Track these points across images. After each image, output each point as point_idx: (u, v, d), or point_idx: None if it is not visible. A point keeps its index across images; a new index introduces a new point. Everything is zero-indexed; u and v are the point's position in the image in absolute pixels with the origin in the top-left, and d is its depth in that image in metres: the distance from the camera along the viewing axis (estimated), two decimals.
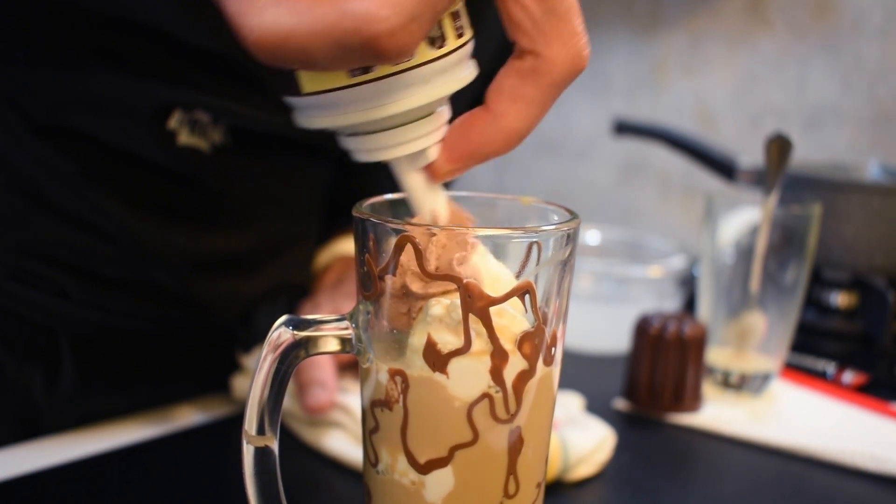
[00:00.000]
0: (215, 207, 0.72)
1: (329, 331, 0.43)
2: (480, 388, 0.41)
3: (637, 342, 0.81)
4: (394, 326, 0.42)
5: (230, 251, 0.74)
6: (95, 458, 0.67)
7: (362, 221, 0.42)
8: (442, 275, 0.39)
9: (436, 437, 0.41)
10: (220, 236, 0.73)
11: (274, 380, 0.42)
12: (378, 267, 0.41)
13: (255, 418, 0.42)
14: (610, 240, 1.18)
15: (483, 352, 0.40)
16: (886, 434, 0.78)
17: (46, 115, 0.65)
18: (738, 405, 0.83)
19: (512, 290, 0.40)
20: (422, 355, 0.40)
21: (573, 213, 0.44)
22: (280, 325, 0.42)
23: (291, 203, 0.79)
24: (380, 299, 0.42)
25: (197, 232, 0.71)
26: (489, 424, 0.41)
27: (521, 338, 0.41)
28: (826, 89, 1.54)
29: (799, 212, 0.83)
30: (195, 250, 0.71)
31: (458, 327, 0.40)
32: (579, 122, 1.91)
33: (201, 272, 0.72)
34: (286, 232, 0.80)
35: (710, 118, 1.70)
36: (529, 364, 0.41)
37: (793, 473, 0.71)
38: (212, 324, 0.77)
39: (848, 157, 1.48)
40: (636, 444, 0.75)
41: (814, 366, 0.93)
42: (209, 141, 0.68)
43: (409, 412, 0.42)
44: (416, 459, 0.42)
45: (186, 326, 0.76)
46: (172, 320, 0.74)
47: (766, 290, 0.83)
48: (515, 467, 0.43)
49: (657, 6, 1.75)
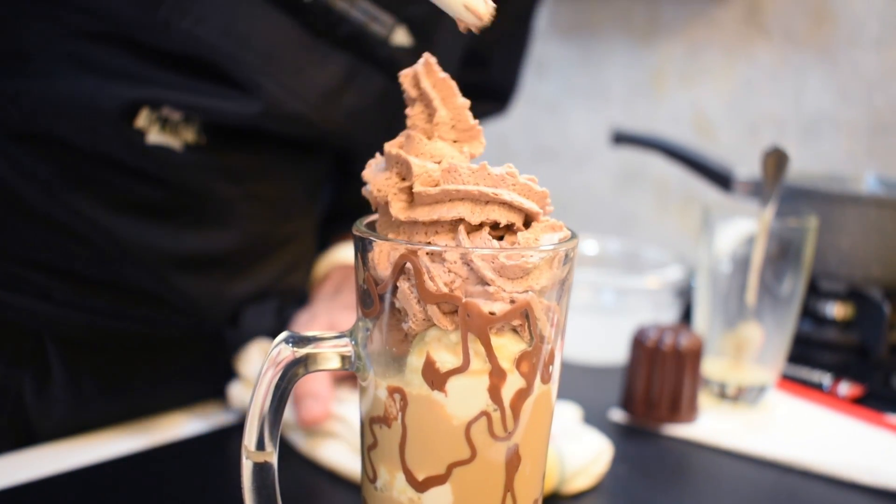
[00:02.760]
0: (194, 207, 0.73)
1: (329, 348, 0.43)
2: (479, 406, 0.41)
3: (634, 353, 0.82)
4: (392, 345, 0.42)
5: (212, 251, 0.74)
6: (90, 468, 0.67)
7: (362, 239, 0.42)
8: (442, 294, 0.39)
9: (434, 455, 0.42)
10: (201, 236, 0.73)
11: (274, 396, 0.42)
12: (378, 286, 0.41)
13: (255, 434, 0.43)
14: (607, 251, 1.18)
15: (481, 371, 0.40)
16: (882, 446, 0.78)
17: (21, 121, 0.67)
18: (735, 416, 0.83)
19: (511, 308, 0.40)
20: (420, 374, 0.41)
21: (573, 232, 0.44)
22: (280, 342, 0.43)
23: (277, 203, 0.79)
24: (379, 317, 0.42)
25: (176, 231, 0.72)
26: (487, 442, 0.41)
27: (520, 357, 0.41)
28: (823, 99, 1.55)
29: (795, 224, 0.83)
30: (175, 250, 0.72)
31: (457, 347, 0.40)
32: (577, 130, 1.91)
33: (183, 272, 0.73)
34: (273, 233, 0.80)
35: (708, 127, 1.70)
36: (527, 382, 0.42)
37: (789, 485, 0.72)
38: (199, 325, 0.77)
39: (845, 167, 1.48)
40: (633, 455, 0.75)
41: (810, 377, 0.93)
42: (181, 139, 0.69)
43: (407, 429, 0.42)
44: (414, 477, 0.42)
45: (173, 328, 0.76)
46: (158, 322, 0.75)
47: (763, 301, 0.84)
48: (513, 484, 0.43)
49: (655, 15, 1.76)
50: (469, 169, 0.41)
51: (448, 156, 0.43)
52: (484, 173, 0.41)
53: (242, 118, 0.70)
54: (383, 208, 0.43)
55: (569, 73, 1.90)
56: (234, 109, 0.70)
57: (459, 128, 0.44)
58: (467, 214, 0.40)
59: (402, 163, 0.42)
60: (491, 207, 0.41)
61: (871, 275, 0.99)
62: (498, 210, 0.41)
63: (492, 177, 0.41)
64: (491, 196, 0.40)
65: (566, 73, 1.91)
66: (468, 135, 0.44)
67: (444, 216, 0.40)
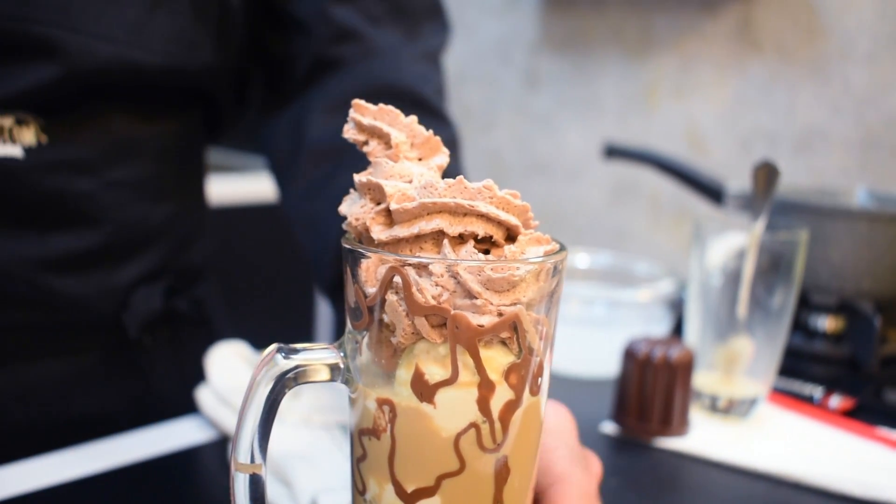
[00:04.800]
0: (53, 209, 0.71)
1: (318, 360, 0.43)
2: (468, 418, 0.41)
3: (625, 366, 0.82)
4: (381, 358, 0.42)
5: (86, 247, 0.73)
6: (35, 493, 0.64)
7: (351, 252, 0.42)
8: (430, 306, 0.40)
9: (423, 467, 0.42)
10: (70, 235, 0.72)
11: (263, 408, 0.42)
12: (367, 298, 0.42)
13: (246, 447, 0.42)
14: (599, 264, 1.18)
15: (470, 383, 0.40)
16: (873, 459, 0.78)
17: None
18: (726, 429, 0.83)
19: (500, 321, 0.40)
20: (409, 386, 0.41)
21: (561, 244, 0.44)
22: (270, 353, 0.43)
23: (144, 184, 0.77)
24: (369, 330, 0.42)
25: (41, 236, 0.70)
26: (476, 454, 0.42)
27: (508, 368, 0.41)
28: (815, 114, 1.56)
29: (786, 237, 0.84)
30: (45, 254, 0.70)
31: (445, 359, 0.40)
32: (570, 143, 1.92)
33: (59, 274, 0.71)
34: (150, 215, 0.78)
35: (700, 141, 1.71)
36: (516, 394, 0.42)
37: (780, 498, 0.72)
38: (91, 319, 0.76)
39: (836, 181, 1.49)
40: (624, 468, 0.75)
41: (801, 390, 0.93)
42: (20, 144, 0.67)
43: (396, 441, 0.42)
44: (403, 489, 0.42)
45: (62, 329, 0.74)
46: (45, 326, 0.73)
47: (754, 314, 0.84)
48: (502, 496, 0.43)
49: (648, 30, 1.77)
50: (445, 183, 0.42)
51: (417, 174, 0.43)
52: (460, 187, 0.41)
53: (62, 85, 0.67)
54: (366, 237, 0.43)
55: (562, 86, 1.91)
56: (47, 77, 0.67)
57: (417, 143, 0.45)
58: (445, 226, 0.41)
59: (373, 188, 0.43)
60: (469, 219, 0.41)
61: (861, 288, 1.00)
62: (476, 222, 0.41)
63: (468, 190, 0.41)
64: (468, 208, 0.41)
65: (559, 87, 1.92)
66: (428, 147, 0.45)
67: (424, 229, 0.41)
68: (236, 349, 0.80)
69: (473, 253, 0.41)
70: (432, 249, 0.42)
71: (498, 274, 0.40)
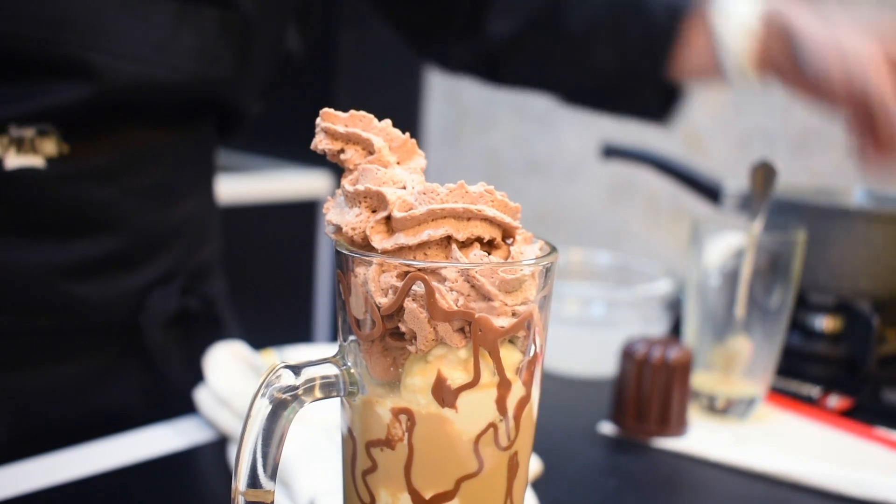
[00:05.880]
0: (74, 216, 0.72)
1: (321, 374, 0.42)
2: (487, 418, 0.42)
3: (623, 366, 0.82)
4: (394, 366, 0.42)
5: (104, 253, 0.74)
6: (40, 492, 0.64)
7: (363, 261, 0.42)
8: (454, 311, 0.40)
9: (443, 472, 0.42)
10: (90, 242, 0.73)
11: (267, 429, 0.41)
12: (380, 308, 0.41)
13: (246, 473, 0.41)
14: (596, 263, 1.18)
15: (490, 384, 0.41)
16: (871, 459, 0.78)
17: None
18: (724, 429, 0.83)
19: (518, 320, 0.41)
20: (430, 392, 0.41)
21: (552, 246, 0.45)
22: (277, 371, 0.41)
23: (159, 191, 0.78)
24: (383, 339, 0.42)
25: (63, 244, 0.71)
26: (493, 452, 0.42)
27: (521, 366, 0.42)
28: (812, 114, 1.56)
29: (784, 237, 0.84)
30: (66, 261, 0.71)
31: (465, 363, 0.41)
32: (567, 143, 1.92)
33: (79, 280, 0.72)
34: (165, 219, 0.79)
35: (698, 141, 1.71)
36: (527, 390, 0.43)
37: (778, 498, 0.72)
38: (108, 322, 0.76)
39: (834, 181, 1.49)
40: (622, 468, 0.75)
41: (799, 390, 0.93)
42: (42, 155, 0.68)
43: (414, 449, 0.42)
44: (421, 496, 0.42)
45: (80, 332, 0.75)
46: (63, 330, 0.74)
47: (752, 314, 0.84)
48: (512, 490, 0.44)
49: None
50: (447, 188, 0.42)
51: (407, 180, 0.43)
52: (462, 191, 0.42)
53: (89, 103, 0.68)
54: (362, 246, 0.43)
55: None
56: (75, 96, 0.68)
57: (395, 146, 0.44)
58: (453, 231, 0.41)
59: (371, 195, 0.42)
60: (473, 223, 0.41)
61: (859, 288, 1.00)
62: (480, 225, 0.41)
63: (470, 194, 0.42)
64: (474, 212, 0.41)
65: None
66: (405, 150, 0.45)
67: (433, 235, 0.41)
68: (235, 350, 0.79)
69: (483, 256, 0.41)
70: (437, 255, 0.41)
71: (510, 275, 0.40)
